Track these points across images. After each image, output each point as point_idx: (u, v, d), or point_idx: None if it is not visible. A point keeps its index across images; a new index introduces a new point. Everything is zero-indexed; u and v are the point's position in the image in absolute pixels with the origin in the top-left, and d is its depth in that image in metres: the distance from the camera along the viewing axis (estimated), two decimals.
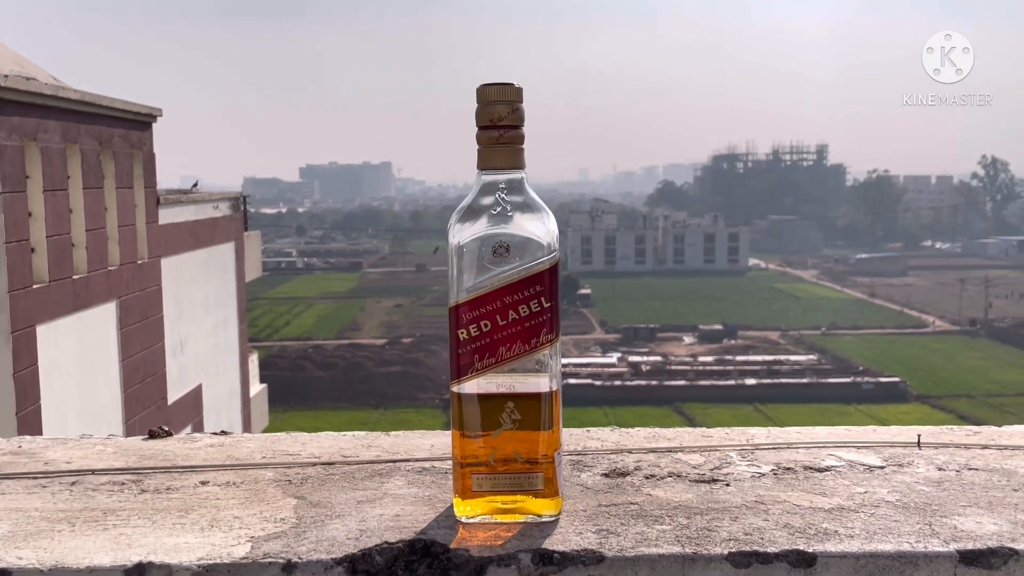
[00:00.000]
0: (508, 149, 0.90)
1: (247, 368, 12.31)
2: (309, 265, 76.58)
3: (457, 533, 0.88)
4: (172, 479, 1.06)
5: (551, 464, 0.90)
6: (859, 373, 35.77)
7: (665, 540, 0.86)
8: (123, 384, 8.45)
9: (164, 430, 1.24)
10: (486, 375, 0.89)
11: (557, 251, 0.90)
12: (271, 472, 1.08)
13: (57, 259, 7.23)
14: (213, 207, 11.06)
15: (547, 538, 0.86)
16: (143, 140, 9.04)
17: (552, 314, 0.89)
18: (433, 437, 1.23)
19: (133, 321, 8.63)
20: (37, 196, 6.94)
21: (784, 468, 1.08)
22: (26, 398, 6.71)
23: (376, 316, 51.02)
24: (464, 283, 0.89)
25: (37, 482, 1.06)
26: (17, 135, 6.64)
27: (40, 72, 8.17)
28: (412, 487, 1.02)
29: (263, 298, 53.73)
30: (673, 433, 1.24)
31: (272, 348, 38.43)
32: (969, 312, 48.28)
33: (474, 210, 0.90)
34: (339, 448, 1.18)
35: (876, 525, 0.90)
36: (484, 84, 0.90)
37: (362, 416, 30.73)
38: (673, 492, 1.00)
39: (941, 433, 1.24)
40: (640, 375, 36.09)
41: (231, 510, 0.95)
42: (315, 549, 0.84)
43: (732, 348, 41.82)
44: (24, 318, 6.70)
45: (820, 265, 75.77)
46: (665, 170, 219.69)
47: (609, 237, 74.48)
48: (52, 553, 0.84)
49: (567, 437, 1.21)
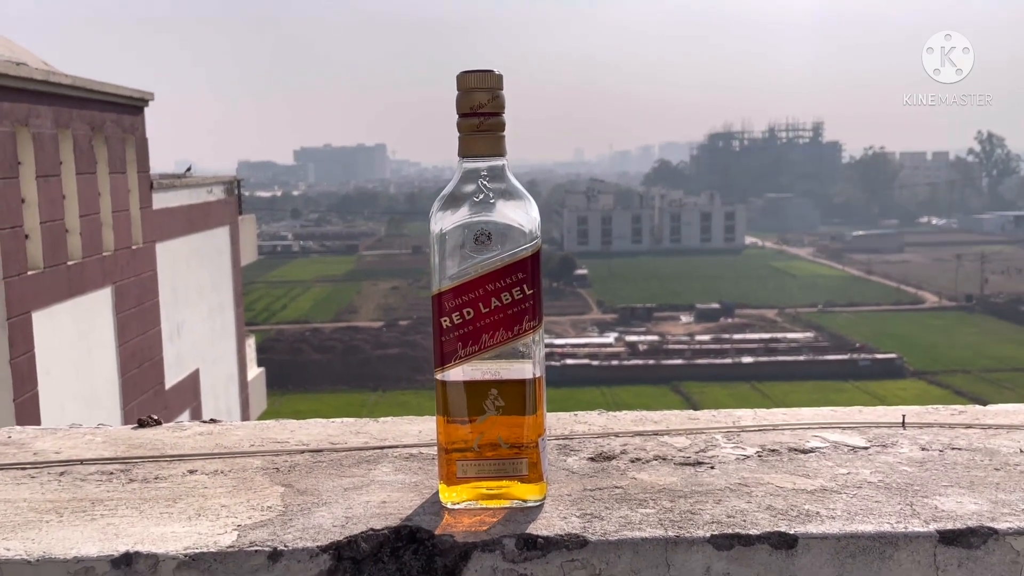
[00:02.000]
0: (489, 136, 0.90)
1: (244, 352, 12.32)
2: (305, 248, 76.48)
3: (442, 519, 0.88)
4: (160, 468, 1.07)
5: (535, 449, 0.91)
6: (856, 350, 35.89)
7: (648, 524, 0.86)
8: (120, 369, 8.46)
9: (153, 419, 1.25)
10: (470, 362, 0.89)
11: (539, 238, 0.90)
12: (259, 460, 1.08)
13: (51, 245, 7.21)
14: (207, 191, 11.03)
15: (531, 523, 0.87)
16: (135, 124, 8.99)
17: (535, 301, 0.90)
18: (421, 423, 1.23)
19: (129, 306, 8.63)
20: (30, 182, 6.92)
21: (769, 450, 1.09)
22: (23, 385, 6.71)
23: (373, 299, 51.01)
24: (446, 271, 0.89)
25: (26, 472, 1.06)
26: (8, 121, 6.60)
27: (30, 57, 8.12)
28: (399, 473, 1.03)
29: (259, 282, 53.68)
30: (660, 416, 1.24)
31: (269, 332, 38.44)
32: (965, 288, 48.37)
33: (456, 197, 0.90)
34: (327, 435, 1.18)
35: (857, 506, 0.90)
36: (464, 71, 0.90)
37: (360, 398, 30.82)
38: (658, 475, 1.00)
39: (926, 413, 1.24)
40: (637, 354, 36.18)
41: (218, 499, 0.96)
42: (301, 537, 0.85)
43: (729, 327, 41.92)
44: (19, 305, 6.69)
45: (817, 243, 75.81)
46: (661, 149, 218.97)
47: (605, 217, 74.35)
48: (40, 544, 0.84)
49: (554, 421, 1.21)
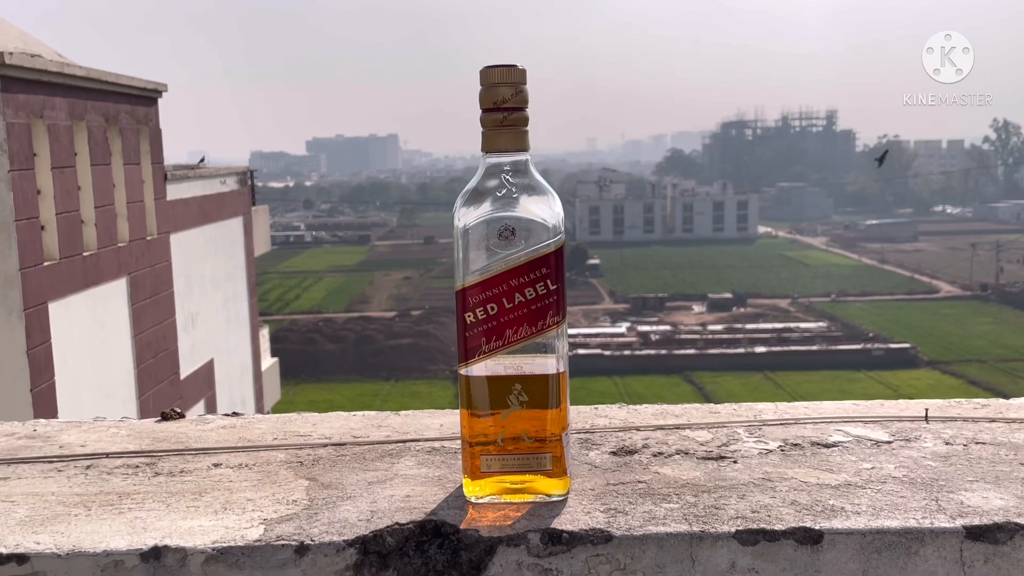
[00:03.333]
0: (512, 131, 0.90)
1: (258, 342, 12.38)
2: (317, 239, 76.65)
3: (467, 514, 0.88)
4: (185, 461, 1.07)
5: (559, 444, 0.91)
6: (869, 340, 35.72)
7: (673, 519, 0.86)
8: (135, 360, 8.52)
9: (177, 412, 1.26)
10: (494, 357, 0.89)
11: (563, 233, 0.90)
12: (283, 454, 1.09)
13: (67, 236, 7.25)
14: (221, 182, 11.06)
15: (556, 518, 0.87)
16: (149, 116, 9.02)
17: (558, 296, 0.90)
18: (442, 416, 1.24)
19: (144, 297, 8.68)
20: (45, 173, 6.95)
21: (791, 444, 1.09)
22: (40, 375, 6.77)
23: (385, 289, 51.09)
24: (470, 266, 0.89)
25: (53, 466, 1.07)
26: (24, 112, 6.63)
27: (45, 49, 8.15)
28: (422, 467, 1.03)
29: (272, 272, 53.85)
30: (681, 410, 1.24)
31: (283, 322, 38.59)
32: (980, 277, 48.05)
33: (479, 193, 0.90)
34: (349, 429, 1.19)
35: (883, 501, 0.90)
36: (488, 66, 0.90)
37: (373, 388, 30.91)
38: (681, 470, 1.00)
39: (949, 407, 1.24)
40: (649, 344, 36.12)
41: (244, 492, 0.96)
42: (327, 531, 0.85)
43: (742, 316, 41.78)
44: (36, 295, 6.74)
45: (830, 232, 75.40)
46: (673, 138, 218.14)
47: (617, 207, 74.17)
48: (69, 537, 0.85)
49: (575, 415, 1.22)
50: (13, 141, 6.43)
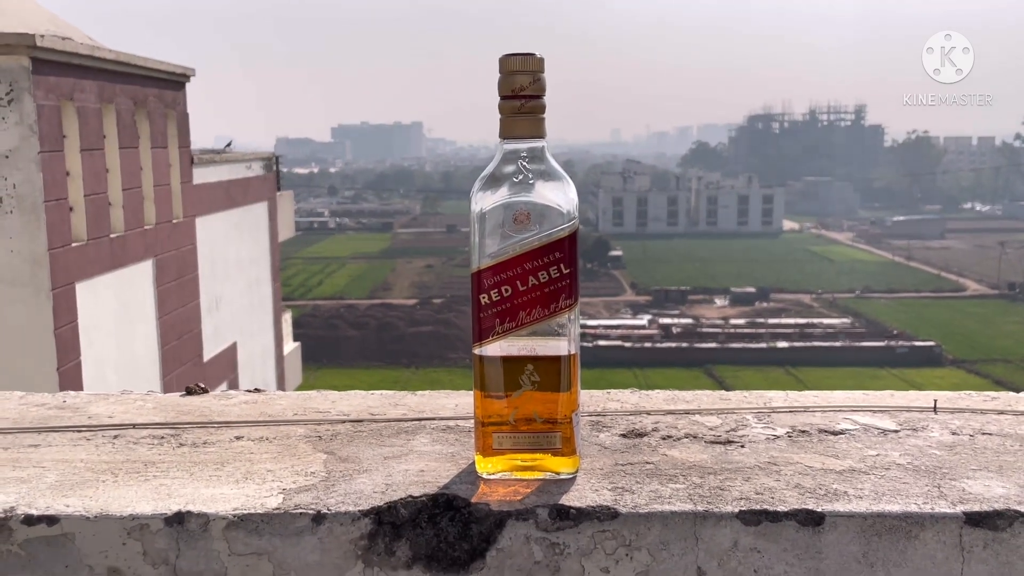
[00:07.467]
0: (530, 119, 0.92)
1: (280, 326, 12.49)
2: (341, 225, 77.00)
3: (478, 488, 0.91)
4: (209, 434, 1.11)
5: (569, 424, 0.93)
6: (893, 337, 35.44)
7: (678, 498, 0.89)
8: (160, 341, 8.63)
9: (201, 387, 1.29)
10: (507, 338, 0.92)
11: (576, 219, 0.93)
12: (302, 428, 1.12)
13: (95, 218, 7.35)
14: (246, 167, 11.15)
15: (564, 494, 0.90)
16: (177, 100, 9.11)
17: (571, 280, 0.92)
18: (458, 397, 1.27)
19: (169, 279, 8.78)
20: (74, 155, 7.05)
21: (799, 431, 1.11)
22: (67, 354, 6.88)
23: (407, 276, 51.28)
24: (486, 249, 0.92)
25: (81, 435, 1.11)
26: (54, 95, 6.72)
27: (75, 32, 8.25)
28: (436, 444, 1.06)
29: (296, 257, 54.20)
30: (691, 396, 1.26)
31: (305, 307, 38.85)
32: (1008, 276, 47.45)
33: (496, 178, 0.93)
34: (367, 406, 1.22)
35: (885, 487, 0.92)
36: (506, 54, 0.92)
37: (394, 375, 31.08)
38: (688, 453, 1.03)
39: (958, 398, 1.25)
40: (671, 337, 36.03)
41: (264, 464, 1.00)
42: (343, 501, 0.88)
43: (764, 311, 41.57)
44: (64, 276, 6.85)
45: (856, 227, 74.76)
46: (699, 131, 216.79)
47: (641, 198, 73.86)
48: (97, 501, 0.89)
49: (587, 399, 1.24)
50: (43, 123, 6.53)
